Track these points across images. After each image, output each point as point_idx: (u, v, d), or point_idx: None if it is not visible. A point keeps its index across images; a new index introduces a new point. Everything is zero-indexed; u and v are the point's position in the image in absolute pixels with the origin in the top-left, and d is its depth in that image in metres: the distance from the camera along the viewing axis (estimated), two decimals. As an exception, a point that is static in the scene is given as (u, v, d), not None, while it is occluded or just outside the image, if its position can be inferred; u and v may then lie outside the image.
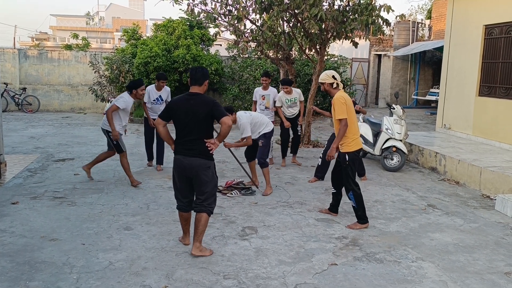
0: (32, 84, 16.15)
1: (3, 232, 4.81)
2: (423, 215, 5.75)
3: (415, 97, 16.54)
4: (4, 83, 15.62)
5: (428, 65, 16.88)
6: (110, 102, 15.21)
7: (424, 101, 16.49)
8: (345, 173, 5.26)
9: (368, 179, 7.49)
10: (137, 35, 16.05)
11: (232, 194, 6.34)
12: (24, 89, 15.83)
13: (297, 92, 8.27)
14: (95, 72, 14.80)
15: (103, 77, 14.90)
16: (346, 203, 5.90)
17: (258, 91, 8.31)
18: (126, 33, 16.22)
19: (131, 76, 14.47)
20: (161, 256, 4.30)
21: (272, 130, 6.69)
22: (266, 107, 8.21)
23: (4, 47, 17.40)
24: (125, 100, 6.55)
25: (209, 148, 4.18)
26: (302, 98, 8.46)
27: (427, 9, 25.83)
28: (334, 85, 5.24)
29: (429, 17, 20.85)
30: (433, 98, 15.08)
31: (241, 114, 6.43)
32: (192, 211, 4.40)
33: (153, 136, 7.93)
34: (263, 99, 8.20)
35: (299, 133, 8.50)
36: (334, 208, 5.64)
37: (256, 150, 6.59)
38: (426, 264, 4.28)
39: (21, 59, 16.10)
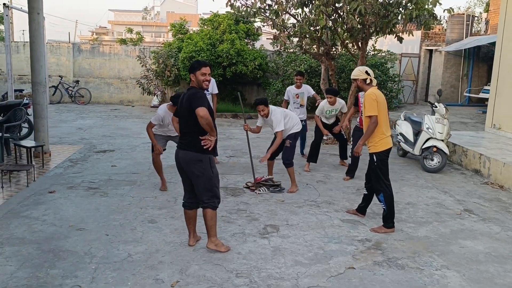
0: (85, 77, 16.84)
1: (36, 219, 5.05)
2: (457, 220, 5.47)
3: (468, 94, 15.75)
4: (59, 76, 16.41)
5: (483, 61, 15.99)
6: (157, 96, 15.68)
7: (478, 99, 15.66)
8: (374, 174, 5.09)
9: (404, 180, 7.22)
10: (184, 30, 16.31)
11: (260, 190, 6.31)
12: (77, 81, 16.55)
13: (340, 103, 7.78)
14: (142, 66, 15.23)
15: (150, 71, 15.30)
16: (375, 204, 5.72)
17: (291, 90, 8.25)
18: (173, 28, 16.53)
19: (176, 70, 14.76)
20: (178, 250, 4.35)
21: (300, 131, 6.61)
22: (300, 105, 8.20)
23: (60, 41, 18.24)
24: (159, 115, 6.10)
25: (204, 146, 4.13)
26: (345, 109, 7.99)
27: (486, 1, 24.49)
28: (368, 81, 5.03)
29: (487, 10, 19.74)
30: (487, 96, 14.25)
31: (275, 108, 6.40)
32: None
33: None
34: (297, 97, 8.15)
35: (345, 136, 8.01)
36: (362, 210, 5.48)
37: (280, 150, 6.53)
38: (450, 273, 4.06)
39: (75, 53, 16.83)
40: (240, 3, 9.43)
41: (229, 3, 9.30)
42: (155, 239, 4.62)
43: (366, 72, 5.05)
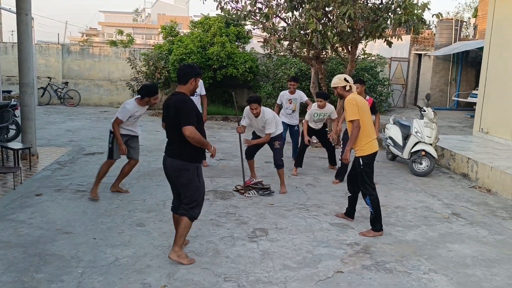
0: (74, 79, 16.70)
1: (22, 223, 4.98)
2: (445, 224, 5.50)
3: (456, 98, 15.90)
4: (48, 77, 16.27)
5: (471, 65, 16.16)
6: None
7: (466, 103, 15.81)
8: (360, 178, 5.11)
9: (393, 183, 7.25)
10: (175, 32, 16.27)
11: (249, 194, 6.30)
12: (66, 83, 16.42)
13: (329, 108, 7.66)
14: (132, 68, 15.15)
15: (140, 73, 15.22)
16: (364, 207, 5.76)
17: (285, 95, 8.18)
18: (164, 30, 16.48)
19: (166, 72, 14.71)
20: (167, 254, 4.28)
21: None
22: (293, 111, 8.16)
23: (48, 42, 18.10)
24: (128, 110, 5.78)
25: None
26: (334, 116, 7.76)
27: (475, 7, 24.78)
28: (347, 88, 5.15)
29: (475, 15, 19.97)
30: (475, 100, 14.40)
31: (266, 109, 6.45)
32: None
33: None
34: (290, 103, 8.11)
35: (333, 144, 7.95)
36: (350, 213, 5.50)
37: (257, 149, 6.70)
38: (438, 277, 4.09)
39: (64, 54, 16.69)
40: (231, 6, 9.43)
41: (220, 6, 9.30)
42: (143, 242, 4.59)
43: (345, 79, 5.15)
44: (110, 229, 4.91)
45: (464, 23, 17.56)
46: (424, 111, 7.94)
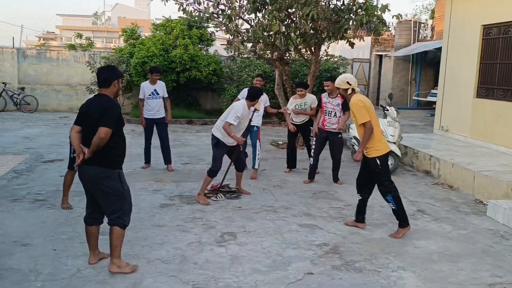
0: (31, 84, 16.10)
1: (-24, 236, 4.70)
2: (411, 221, 5.52)
3: (416, 98, 16.31)
4: (3, 83, 15.61)
5: (430, 65, 16.63)
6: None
7: (426, 102, 16.25)
8: (379, 178, 5.04)
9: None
10: (136, 35, 15.96)
11: (216, 197, 6.20)
12: (23, 88, 15.80)
13: (310, 98, 7.58)
14: (92, 72, 14.74)
15: (100, 77, 14.81)
16: (333, 207, 5.78)
17: None
18: (125, 33, 16.14)
19: (128, 76, 14.39)
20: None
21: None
22: (256, 109, 7.88)
23: (3, 46, 17.39)
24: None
25: (78, 161, 3.78)
26: (315, 105, 7.54)
27: (431, 9, 25.54)
28: (349, 91, 5.05)
29: (432, 17, 20.58)
30: (434, 99, 14.80)
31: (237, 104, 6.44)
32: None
33: (151, 137, 7.83)
34: None
35: (312, 147, 7.68)
36: (361, 220, 5.31)
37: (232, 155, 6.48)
38: (406, 274, 4.11)
39: (19, 59, 16.07)
40: (193, 8, 9.30)
41: (182, 8, 9.15)
42: (106, 251, 4.39)
43: (348, 82, 5.03)
44: (71, 239, 4.70)
45: (422, 24, 18.06)
46: (387, 110, 8.06)
